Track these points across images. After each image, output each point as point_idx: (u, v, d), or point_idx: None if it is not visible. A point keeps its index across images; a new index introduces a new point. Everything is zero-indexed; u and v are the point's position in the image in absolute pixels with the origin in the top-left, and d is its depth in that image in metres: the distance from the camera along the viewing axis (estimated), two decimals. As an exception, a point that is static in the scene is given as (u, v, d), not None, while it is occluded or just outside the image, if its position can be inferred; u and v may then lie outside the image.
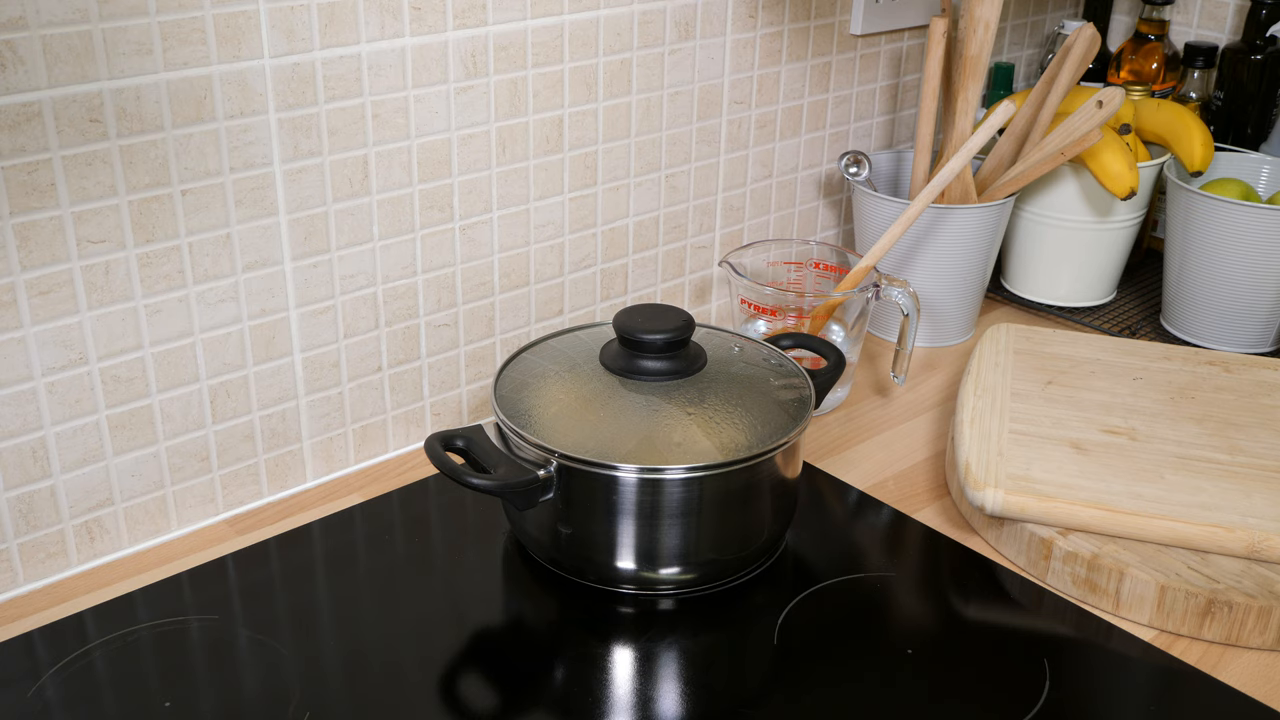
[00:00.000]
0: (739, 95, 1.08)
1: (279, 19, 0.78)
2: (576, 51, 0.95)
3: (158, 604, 0.78)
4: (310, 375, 0.89)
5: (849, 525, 0.90)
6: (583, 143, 0.98)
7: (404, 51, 0.85)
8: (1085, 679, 0.74)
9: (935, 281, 1.12)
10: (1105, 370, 1.00)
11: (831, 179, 1.22)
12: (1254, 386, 0.98)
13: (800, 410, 0.81)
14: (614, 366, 0.82)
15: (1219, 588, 0.77)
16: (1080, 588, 0.81)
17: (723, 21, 1.04)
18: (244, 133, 0.79)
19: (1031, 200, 1.18)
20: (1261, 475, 0.85)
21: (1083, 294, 1.21)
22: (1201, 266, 1.12)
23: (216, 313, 0.82)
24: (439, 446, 0.77)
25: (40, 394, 0.76)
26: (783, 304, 1.01)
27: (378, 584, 0.81)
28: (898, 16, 1.18)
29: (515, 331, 1.00)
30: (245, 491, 0.89)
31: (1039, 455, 0.87)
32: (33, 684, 0.71)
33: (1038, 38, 1.39)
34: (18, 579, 0.80)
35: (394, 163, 0.87)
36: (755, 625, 0.78)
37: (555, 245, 1.00)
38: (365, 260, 0.88)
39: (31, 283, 0.74)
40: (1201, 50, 1.28)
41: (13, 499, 0.78)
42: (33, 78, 0.70)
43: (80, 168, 0.73)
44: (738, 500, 0.78)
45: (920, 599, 0.82)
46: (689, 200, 1.09)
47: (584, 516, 0.77)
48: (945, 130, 1.13)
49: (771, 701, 0.72)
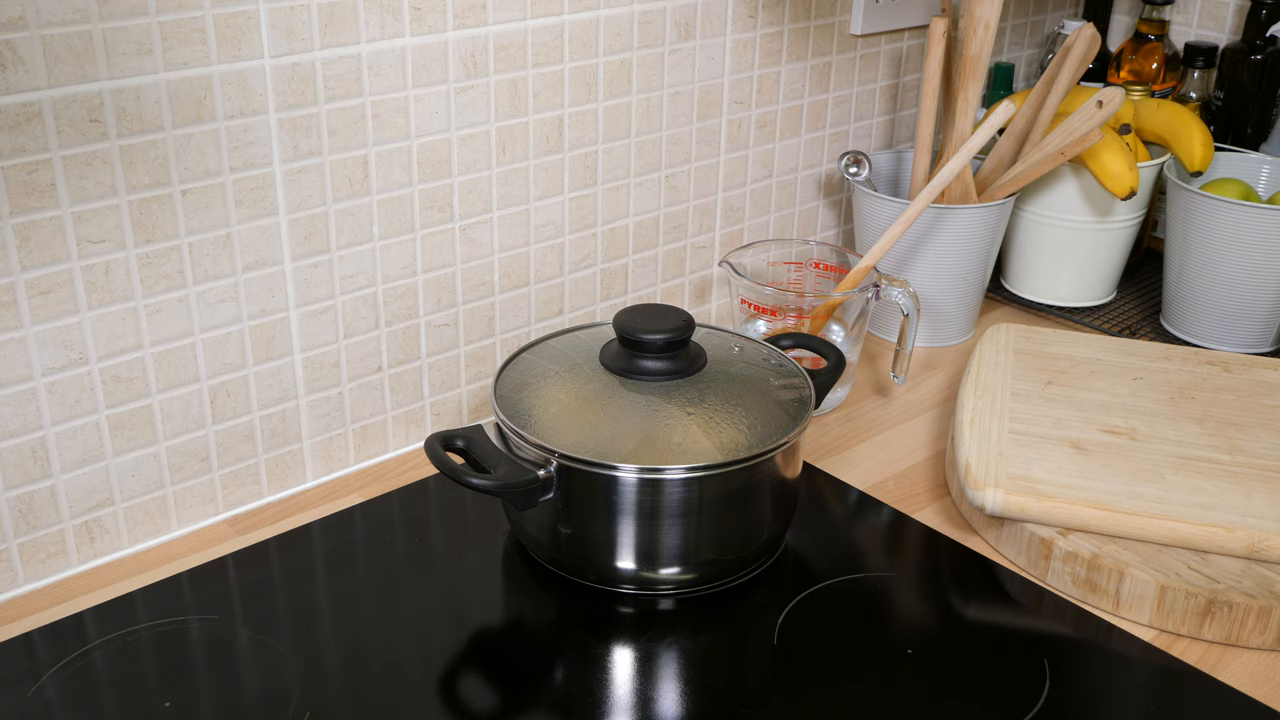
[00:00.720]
0: (739, 95, 1.08)
1: (279, 19, 0.78)
2: (576, 51, 0.95)
3: (158, 604, 0.78)
4: (310, 375, 0.89)
5: (849, 525, 0.90)
6: (583, 143, 0.98)
7: (404, 51, 0.85)
8: (1085, 679, 0.74)
9: (935, 281, 1.12)
10: (1105, 370, 1.00)
11: (831, 179, 1.22)
12: (1254, 386, 0.98)
13: (800, 410, 0.81)
14: (614, 366, 0.82)
15: (1219, 588, 0.77)
16: (1080, 588, 0.81)
17: (723, 21, 1.04)
18: (244, 133, 0.79)
19: (1031, 200, 1.18)
20: (1261, 475, 0.85)
21: (1083, 294, 1.21)
22: (1201, 266, 1.12)
23: (216, 313, 0.82)
24: (439, 446, 0.77)
25: (40, 394, 0.76)
26: (783, 304, 1.01)
27: (378, 584, 0.81)
28: (898, 16, 1.18)
29: (515, 331, 1.00)
30: (245, 491, 0.89)
31: (1039, 455, 0.87)
32: (33, 684, 0.71)
33: (1038, 38, 1.39)
34: (18, 579, 0.80)
35: (394, 163, 0.87)
36: (755, 625, 0.78)
37: (555, 245, 1.00)
38: (365, 260, 0.88)
39: (31, 283, 0.74)
40: (1201, 50, 1.28)
41: (13, 499, 0.78)
42: (33, 78, 0.70)
43: (80, 168, 0.73)
44: (738, 500, 0.78)
45: (920, 599, 0.82)
46: (689, 200, 1.09)
47: (584, 516, 0.77)
48: (945, 130, 1.13)
49: (771, 701, 0.72)
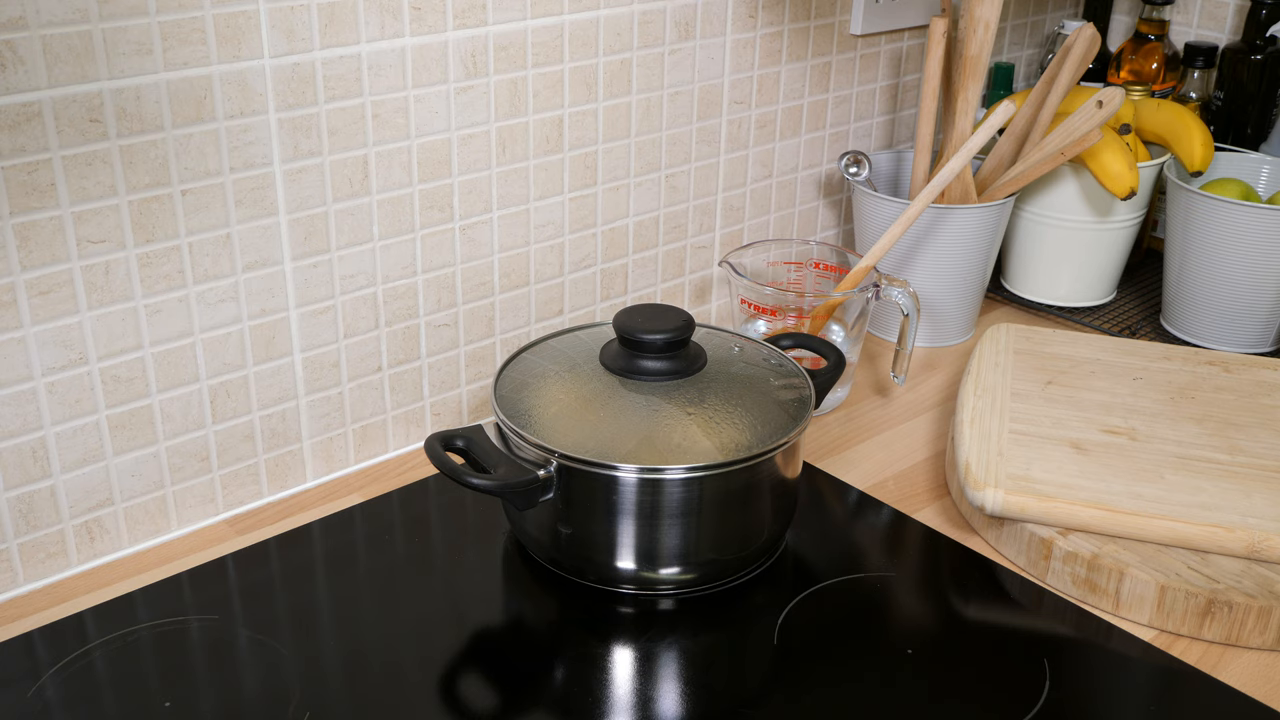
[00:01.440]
0: (739, 95, 1.08)
1: (279, 19, 0.78)
2: (576, 51, 0.95)
3: (158, 604, 0.78)
4: (310, 375, 0.89)
5: (849, 525, 0.90)
6: (583, 143, 0.98)
7: (404, 51, 0.85)
8: (1085, 679, 0.74)
9: (935, 281, 1.12)
10: (1105, 370, 1.00)
11: (831, 179, 1.22)
12: (1254, 386, 0.98)
13: (800, 410, 0.81)
14: (614, 366, 0.82)
15: (1219, 588, 0.77)
16: (1080, 588, 0.81)
17: (723, 21, 1.04)
18: (244, 133, 0.79)
19: (1031, 200, 1.18)
20: (1261, 475, 0.85)
21: (1083, 294, 1.21)
22: (1201, 266, 1.12)
23: (216, 313, 0.82)
24: (439, 446, 0.77)
25: (40, 394, 0.76)
26: (783, 304, 1.01)
27: (378, 584, 0.81)
28: (898, 16, 1.18)
29: (515, 331, 1.00)
30: (245, 491, 0.89)
31: (1039, 455, 0.87)
32: (33, 684, 0.71)
33: (1038, 38, 1.39)
34: (18, 579, 0.80)
35: (394, 163, 0.87)
36: (755, 625, 0.78)
37: (555, 245, 1.00)
38: (365, 260, 0.88)
39: (31, 283, 0.74)
40: (1201, 50, 1.28)
41: (13, 499, 0.78)
42: (33, 78, 0.70)
43: (80, 168, 0.73)
44: (738, 500, 0.78)
45: (920, 599, 0.82)
46: (689, 200, 1.09)
47: (584, 516, 0.77)
48: (945, 130, 1.13)
49: (771, 701, 0.72)
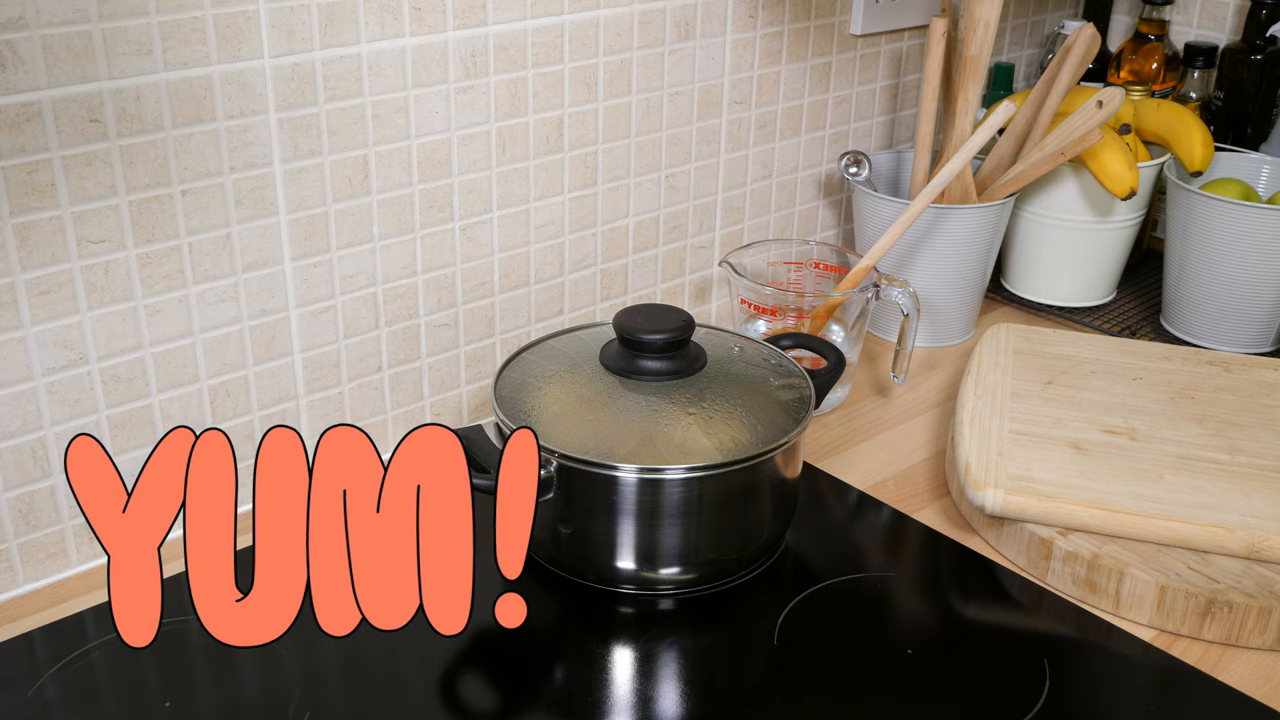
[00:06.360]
0: (739, 95, 1.08)
1: (279, 19, 0.78)
2: (576, 51, 0.95)
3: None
4: (310, 375, 0.89)
5: (849, 525, 0.90)
6: (583, 143, 0.98)
7: (404, 51, 0.85)
8: (1085, 679, 0.74)
9: (935, 281, 1.12)
10: (1105, 370, 1.00)
11: (831, 179, 1.22)
12: (1254, 386, 0.98)
13: (800, 410, 0.81)
14: (614, 366, 0.82)
15: (1219, 588, 0.77)
16: (1080, 588, 0.81)
17: (723, 21, 1.04)
18: (244, 133, 0.79)
19: (1031, 200, 1.18)
20: (1261, 475, 0.85)
21: (1083, 294, 1.21)
22: (1201, 266, 1.12)
23: (216, 313, 0.82)
24: (439, 446, 0.77)
25: (40, 394, 0.76)
26: (783, 304, 1.01)
27: (378, 584, 0.81)
28: (898, 16, 1.18)
29: (515, 331, 1.00)
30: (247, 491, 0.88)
31: (1039, 455, 0.87)
32: (33, 684, 0.71)
33: (1038, 38, 1.39)
34: (18, 579, 0.80)
35: (394, 163, 0.87)
36: (755, 625, 0.78)
37: (555, 245, 1.00)
38: (365, 260, 0.88)
39: (31, 283, 0.74)
40: (1201, 50, 1.28)
41: (13, 499, 0.78)
42: (33, 78, 0.70)
43: (80, 168, 0.73)
44: (738, 500, 0.78)
45: (920, 599, 0.82)
46: (689, 200, 1.09)
47: (584, 516, 0.77)
48: (945, 130, 1.13)
49: (771, 701, 0.72)
